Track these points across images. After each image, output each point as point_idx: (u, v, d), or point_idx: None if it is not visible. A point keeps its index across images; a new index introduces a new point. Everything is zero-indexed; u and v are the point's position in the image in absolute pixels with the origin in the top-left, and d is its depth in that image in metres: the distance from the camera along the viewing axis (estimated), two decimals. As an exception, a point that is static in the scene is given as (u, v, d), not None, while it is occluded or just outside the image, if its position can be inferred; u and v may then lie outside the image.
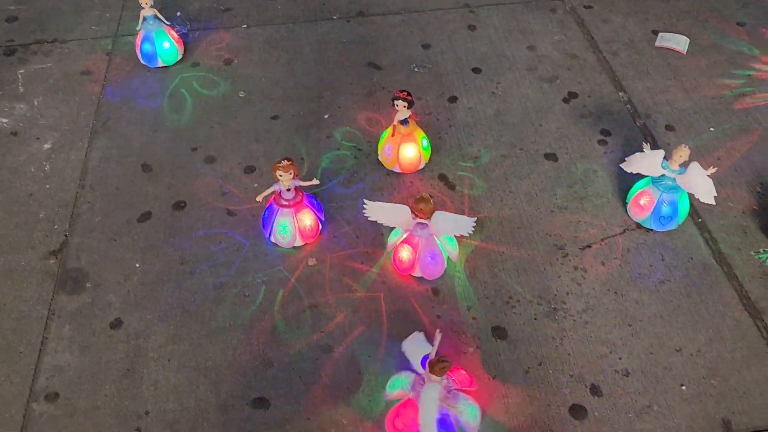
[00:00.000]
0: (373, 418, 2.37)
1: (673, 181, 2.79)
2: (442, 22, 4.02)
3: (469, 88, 3.61)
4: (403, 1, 4.17)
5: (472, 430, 2.24)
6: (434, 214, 2.58)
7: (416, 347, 2.30)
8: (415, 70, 3.71)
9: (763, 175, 3.13)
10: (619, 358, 2.53)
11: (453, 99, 3.55)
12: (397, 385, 2.25)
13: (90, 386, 2.47)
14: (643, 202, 2.87)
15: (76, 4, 4.17)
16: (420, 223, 2.63)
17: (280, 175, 2.69)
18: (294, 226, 2.80)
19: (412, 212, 2.62)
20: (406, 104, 2.93)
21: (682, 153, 2.73)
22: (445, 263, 2.77)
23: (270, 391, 2.46)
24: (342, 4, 4.15)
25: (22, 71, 3.74)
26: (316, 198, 2.97)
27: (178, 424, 2.38)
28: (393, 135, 3.05)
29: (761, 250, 2.85)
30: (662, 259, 2.83)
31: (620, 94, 3.56)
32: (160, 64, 3.69)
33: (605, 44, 3.85)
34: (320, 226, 2.91)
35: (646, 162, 2.82)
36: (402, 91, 2.93)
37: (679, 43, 3.80)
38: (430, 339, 2.32)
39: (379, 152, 3.19)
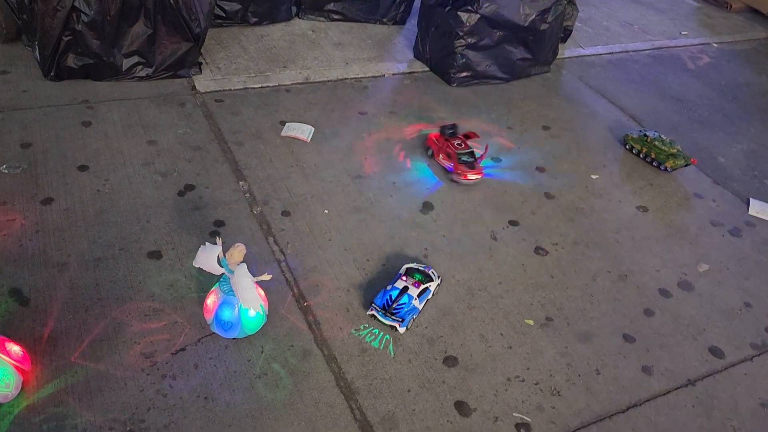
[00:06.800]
0: None
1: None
2: (51, 119, 3.63)
3: (70, 188, 3.22)
4: (7, 99, 3.71)
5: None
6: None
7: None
8: (5, 171, 3.23)
9: (369, 251, 3.21)
10: (199, 476, 2.21)
11: (47, 201, 3.12)
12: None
13: None
14: (210, 302, 2.62)
15: None
16: None
17: None
18: None
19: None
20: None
21: (234, 252, 2.48)
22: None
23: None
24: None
25: None
26: None
27: None
28: None
29: (361, 327, 2.83)
30: (262, 351, 2.65)
31: (240, 183, 3.47)
32: None
33: (231, 135, 3.80)
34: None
35: (204, 257, 2.54)
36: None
37: (303, 132, 3.91)
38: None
39: None
